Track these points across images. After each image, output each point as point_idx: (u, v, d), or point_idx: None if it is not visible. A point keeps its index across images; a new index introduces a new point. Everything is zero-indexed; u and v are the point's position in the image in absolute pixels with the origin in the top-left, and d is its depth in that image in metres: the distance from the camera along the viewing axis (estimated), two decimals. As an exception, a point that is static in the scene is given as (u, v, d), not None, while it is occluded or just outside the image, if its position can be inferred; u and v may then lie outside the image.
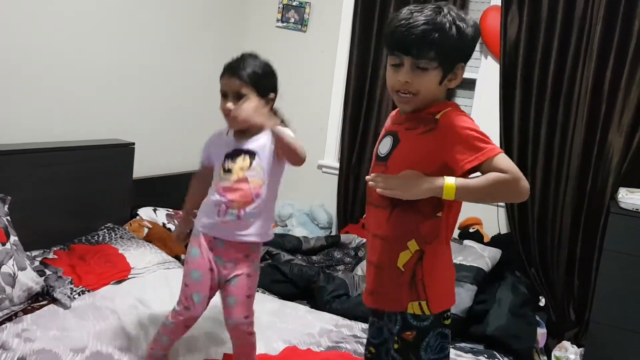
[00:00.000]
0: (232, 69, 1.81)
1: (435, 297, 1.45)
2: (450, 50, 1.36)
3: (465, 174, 1.38)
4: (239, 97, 1.79)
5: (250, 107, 1.77)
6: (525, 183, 1.37)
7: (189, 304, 1.85)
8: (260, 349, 2.18)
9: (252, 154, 1.84)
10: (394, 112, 1.58)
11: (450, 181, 1.36)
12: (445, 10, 1.36)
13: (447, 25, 1.34)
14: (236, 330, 1.87)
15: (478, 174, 1.37)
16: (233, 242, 1.85)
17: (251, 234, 1.85)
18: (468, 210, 3.38)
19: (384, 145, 1.49)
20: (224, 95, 1.82)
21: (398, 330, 1.47)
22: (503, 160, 1.36)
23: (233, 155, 1.85)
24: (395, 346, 1.49)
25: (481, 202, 1.39)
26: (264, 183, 1.83)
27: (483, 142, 1.37)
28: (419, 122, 1.42)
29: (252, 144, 1.85)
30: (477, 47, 3.51)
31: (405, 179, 1.40)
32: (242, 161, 1.83)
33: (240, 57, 1.86)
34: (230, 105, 1.79)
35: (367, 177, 1.45)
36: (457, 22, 1.35)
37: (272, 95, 1.88)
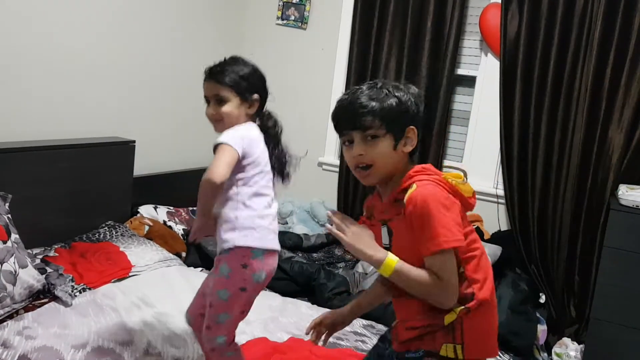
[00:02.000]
0: (210, 73, 1.78)
1: (471, 343, 1.39)
2: (394, 115, 1.38)
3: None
4: (220, 100, 1.76)
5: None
6: (449, 294, 1.34)
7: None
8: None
9: None
10: (372, 201, 1.52)
11: (392, 259, 1.36)
12: (380, 84, 1.42)
13: (384, 94, 1.39)
14: (201, 340, 1.84)
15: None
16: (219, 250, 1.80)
17: (223, 240, 1.75)
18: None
19: (385, 237, 1.46)
20: (207, 101, 1.80)
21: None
22: (441, 262, 1.32)
23: None
24: None
25: (409, 290, 1.37)
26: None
27: (440, 229, 1.31)
28: (398, 208, 1.38)
29: None
30: (477, 45, 3.55)
31: (359, 232, 1.42)
32: None
33: (221, 61, 1.82)
34: (211, 110, 1.77)
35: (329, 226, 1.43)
36: (394, 92, 1.40)
37: (255, 96, 1.79)
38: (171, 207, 3.35)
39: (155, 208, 3.27)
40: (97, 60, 3.01)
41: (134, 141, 3.14)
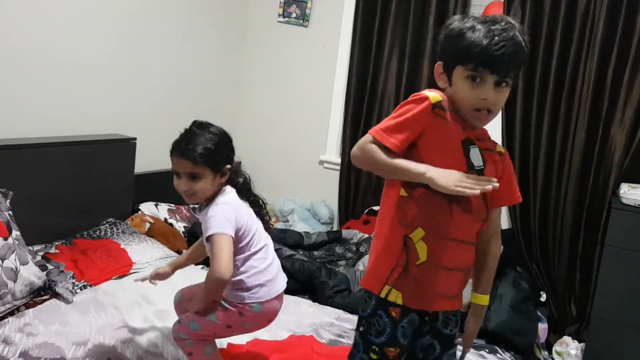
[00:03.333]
0: (182, 150, 1.71)
1: None
2: (522, 68, 1.43)
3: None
4: (192, 176, 1.72)
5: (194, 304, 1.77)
6: None
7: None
8: (264, 337, 2.20)
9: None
10: (445, 103, 1.40)
11: (486, 296, 1.64)
12: (517, 26, 1.39)
13: (524, 43, 1.38)
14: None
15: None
16: None
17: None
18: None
19: (476, 157, 1.45)
20: (177, 174, 1.75)
21: (456, 331, 1.57)
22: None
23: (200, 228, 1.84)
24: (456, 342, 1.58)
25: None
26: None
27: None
28: (490, 145, 1.51)
29: (202, 218, 1.77)
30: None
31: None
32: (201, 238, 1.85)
33: (189, 132, 1.76)
34: (184, 186, 1.73)
35: (491, 184, 1.37)
36: (526, 41, 1.40)
37: (227, 167, 1.78)
38: (172, 205, 3.35)
39: (156, 205, 3.27)
40: (98, 58, 3.01)
41: (135, 139, 3.14)
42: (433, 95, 1.38)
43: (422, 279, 1.43)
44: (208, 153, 1.71)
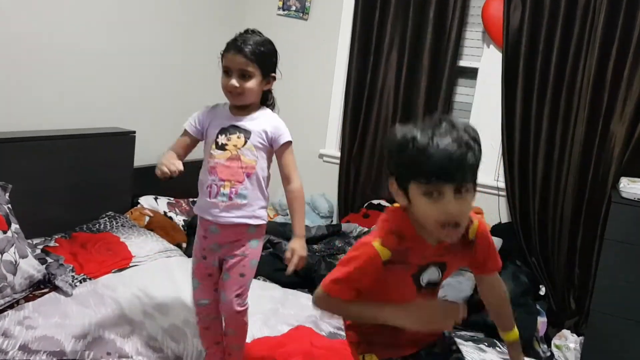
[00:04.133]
0: (237, 46, 1.78)
1: None
2: (477, 167, 1.28)
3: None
4: (242, 74, 1.78)
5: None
6: None
7: (199, 309, 1.96)
8: (264, 333, 2.20)
9: (247, 132, 1.83)
10: (403, 246, 1.34)
11: (514, 331, 1.61)
12: (459, 124, 1.26)
13: (471, 142, 1.24)
14: (226, 307, 1.88)
15: None
16: (225, 225, 1.84)
17: (242, 215, 1.84)
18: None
19: (431, 275, 1.40)
20: (227, 72, 1.80)
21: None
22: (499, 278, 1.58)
23: (228, 130, 1.83)
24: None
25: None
26: (257, 163, 1.83)
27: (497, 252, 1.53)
28: (458, 247, 1.41)
29: (249, 122, 1.85)
30: (479, 36, 3.53)
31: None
32: (236, 139, 1.83)
33: (245, 33, 1.84)
34: (234, 82, 1.78)
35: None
36: (476, 137, 1.27)
37: (273, 75, 1.88)
38: (171, 198, 3.35)
39: (155, 199, 3.27)
40: (97, 51, 3.00)
41: (135, 132, 3.14)
42: (383, 251, 1.32)
43: (387, 336, 1.43)
44: (261, 54, 1.80)
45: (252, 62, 1.77)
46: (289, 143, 1.88)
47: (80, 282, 2.36)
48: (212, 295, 1.93)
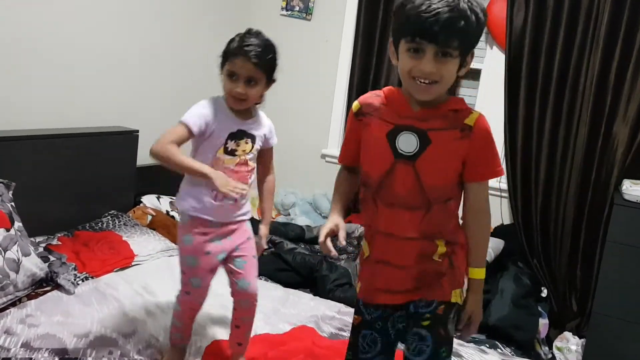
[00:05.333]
0: (247, 52, 1.74)
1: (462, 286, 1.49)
2: (470, 37, 1.32)
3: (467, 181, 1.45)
4: (249, 80, 1.77)
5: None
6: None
7: (188, 289, 1.90)
8: (265, 330, 2.21)
9: (253, 138, 1.85)
10: (381, 100, 1.45)
11: (479, 270, 1.49)
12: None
13: (468, 11, 1.28)
14: (250, 292, 1.89)
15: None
16: (228, 222, 1.86)
17: (244, 213, 1.91)
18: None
19: (407, 142, 1.38)
20: (232, 76, 1.77)
21: (431, 310, 1.45)
22: (487, 189, 1.47)
23: (237, 135, 1.82)
24: (425, 323, 1.45)
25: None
26: (254, 167, 1.90)
27: (497, 159, 1.45)
28: (448, 122, 1.38)
29: (253, 127, 1.86)
30: (483, 37, 3.52)
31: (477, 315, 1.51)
32: (244, 144, 1.83)
33: (251, 36, 1.79)
34: (242, 89, 1.76)
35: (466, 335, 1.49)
36: (474, 8, 1.29)
37: (274, 79, 1.87)
38: (174, 197, 3.34)
39: (158, 198, 3.28)
40: (101, 49, 3.00)
41: (138, 131, 3.14)
42: (355, 103, 1.50)
43: (366, 273, 1.53)
44: (269, 60, 1.79)
45: (260, 69, 1.76)
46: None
47: (83, 281, 2.37)
48: (207, 277, 1.91)
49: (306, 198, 3.94)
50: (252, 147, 1.85)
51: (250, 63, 1.74)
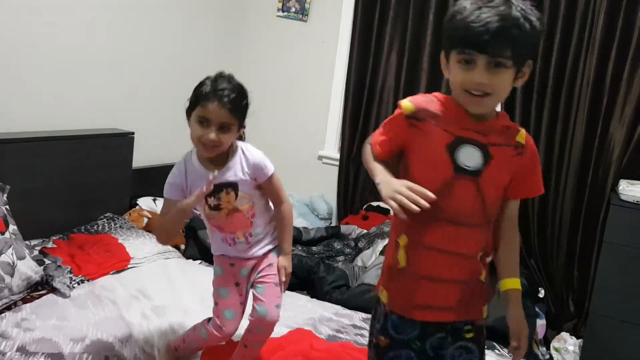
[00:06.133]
0: (220, 97, 1.65)
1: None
2: (524, 46, 1.27)
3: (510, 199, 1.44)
4: (222, 128, 1.68)
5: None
6: None
7: (221, 322, 1.85)
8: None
9: (233, 185, 1.76)
10: (439, 107, 1.35)
11: (517, 280, 1.47)
12: (516, 3, 1.26)
13: (521, 19, 1.23)
14: (268, 319, 1.84)
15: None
16: (248, 257, 1.87)
17: (265, 245, 1.88)
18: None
19: (470, 157, 1.32)
20: (203, 122, 1.67)
21: (471, 322, 1.45)
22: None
23: (215, 191, 1.73)
24: (469, 336, 1.44)
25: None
26: (253, 202, 1.81)
27: (541, 177, 1.44)
28: (504, 139, 1.35)
29: (233, 174, 1.76)
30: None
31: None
32: (226, 196, 1.75)
33: (221, 79, 1.72)
34: (214, 136, 1.66)
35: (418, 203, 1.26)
36: (529, 15, 1.25)
37: (244, 124, 1.81)
38: (170, 199, 3.34)
39: (154, 200, 3.26)
40: (96, 51, 2.99)
41: (133, 133, 3.13)
42: (406, 105, 1.36)
43: (402, 284, 1.40)
44: (242, 105, 1.73)
45: (234, 114, 1.68)
46: (273, 173, 1.82)
47: (78, 284, 2.35)
48: (239, 309, 1.89)
49: (303, 200, 3.93)
50: (236, 194, 1.76)
51: (225, 109, 1.65)
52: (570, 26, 3.08)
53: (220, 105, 1.66)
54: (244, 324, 1.89)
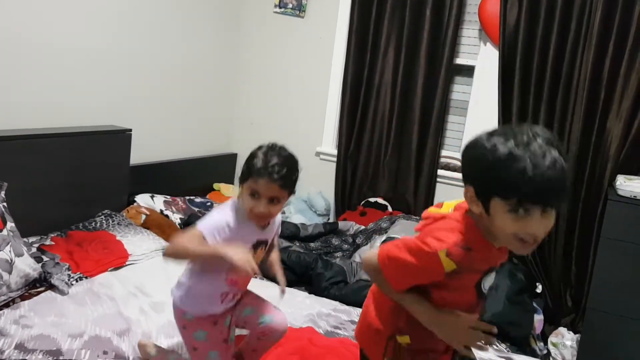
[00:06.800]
0: (271, 174, 1.64)
1: None
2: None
3: None
4: (272, 199, 1.67)
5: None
6: None
7: None
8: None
9: (267, 243, 1.79)
10: (471, 257, 1.28)
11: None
12: (552, 139, 1.20)
13: (563, 160, 1.19)
14: (270, 327, 1.86)
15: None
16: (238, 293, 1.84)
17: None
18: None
19: (490, 280, 1.43)
20: (254, 195, 1.65)
21: None
22: None
23: (255, 246, 1.74)
24: None
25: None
26: None
27: None
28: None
29: (270, 233, 1.79)
30: (476, 34, 3.53)
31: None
32: (260, 252, 1.77)
33: (273, 152, 1.70)
34: (264, 209, 1.64)
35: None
36: (563, 154, 1.20)
37: (295, 190, 1.77)
38: (168, 196, 3.34)
39: (152, 197, 3.26)
40: (94, 49, 2.99)
41: (131, 130, 3.13)
42: (447, 263, 1.26)
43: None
44: (293, 180, 1.70)
45: (285, 189, 1.67)
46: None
47: (77, 281, 2.35)
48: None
49: (301, 196, 3.93)
50: (265, 250, 1.79)
51: (276, 184, 1.64)
52: (567, 20, 3.08)
53: (271, 181, 1.64)
54: None
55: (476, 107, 3.56)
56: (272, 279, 2.83)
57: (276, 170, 1.64)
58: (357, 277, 2.87)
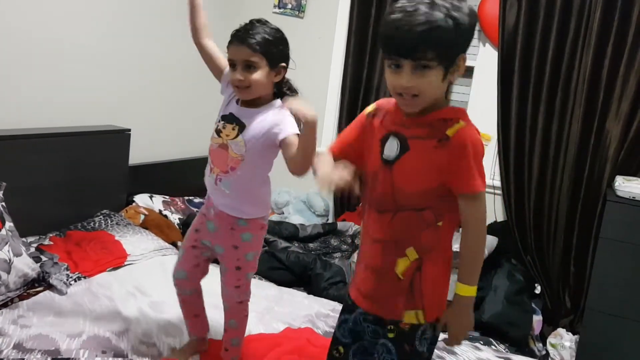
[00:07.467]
0: (240, 37, 1.69)
1: (431, 307, 1.41)
2: (450, 45, 1.27)
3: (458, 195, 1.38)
4: (248, 66, 1.69)
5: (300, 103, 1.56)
6: (485, 227, 1.43)
7: (175, 281, 1.96)
8: (260, 330, 2.19)
9: (242, 126, 1.75)
10: (390, 106, 1.45)
11: (463, 286, 1.39)
12: (439, 3, 1.25)
13: (444, 19, 1.23)
14: (227, 298, 1.90)
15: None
16: (217, 210, 1.83)
17: (225, 204, 1.80)
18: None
19: (390, 148, 1.38)
20: (232, 65, 1.71)
21: (396, 323, 1.43)
22: (480, 203, 1.37)
23: (227, 118, 1.78)
24: (391, 335, 1.43)
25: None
26: (243, 160, 1.75)
27: (473, 172, 1.33)
28: (429, 131, 1.34)
29: (248, 117, 1.75)
30: (476, 35, 3.52)
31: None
32: (230, 129, 1.76)
33: (249, 23, 1.74)
34: (239, 76, 1.70)
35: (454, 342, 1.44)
36: (453, 13, 1.24)
37: (282, 64, 1.77)
38: (167, 196, 3.34)
39: (150, 197, 3.26)
40: (92, 48, 2.98)
41: (130, 130, 3.12)
42: (371, 106, 1.51)
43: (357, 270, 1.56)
44: (266, 42, 1.71)
45: (256, 52, 1.68)
46: (294, 136, 1.70)
47: (75, 281, 2.35)
48: (190, 270, 1.93)
49: (300, 196, 3.93)
50: (237, 135, 1.74)
51: (244, 45, 1.68)
52: (566, 21, 3.08)
53: (240, 43, 1.70)
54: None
55: (475, 108, 3.56)
56: (272, 279, 2.83)
57: (247, 34, 1.70)
58: (356, 277, 2.87)
